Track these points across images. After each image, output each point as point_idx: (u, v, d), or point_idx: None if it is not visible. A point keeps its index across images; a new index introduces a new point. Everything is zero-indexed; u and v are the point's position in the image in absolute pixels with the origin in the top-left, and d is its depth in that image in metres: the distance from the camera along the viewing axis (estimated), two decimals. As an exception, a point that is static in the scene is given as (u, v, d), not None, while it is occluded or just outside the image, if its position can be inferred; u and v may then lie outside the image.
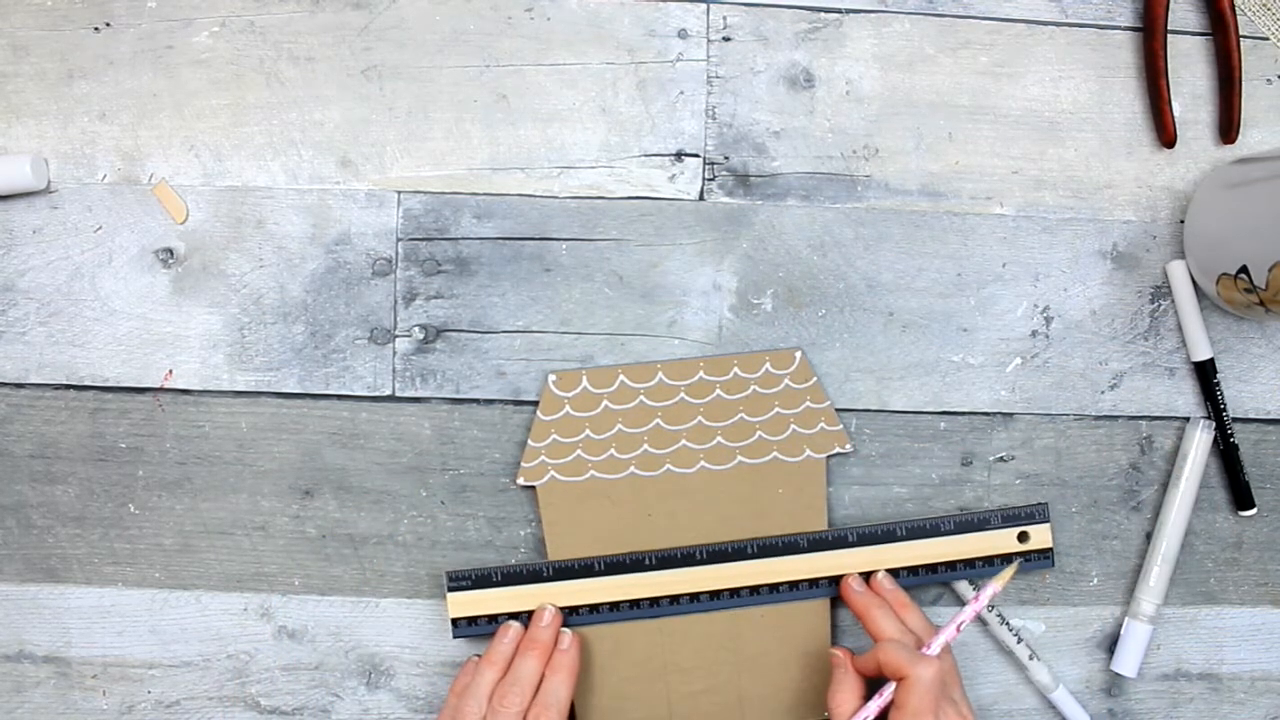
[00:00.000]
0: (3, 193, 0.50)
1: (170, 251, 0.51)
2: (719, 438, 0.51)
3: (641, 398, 0.51)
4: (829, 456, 0.52)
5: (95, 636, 0.52)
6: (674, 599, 0.51)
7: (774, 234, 0.52)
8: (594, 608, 0.50)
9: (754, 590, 0.51)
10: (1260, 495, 0.54)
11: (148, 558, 0.52)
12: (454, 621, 0.50)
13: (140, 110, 0.51)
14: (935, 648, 0.46)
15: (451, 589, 0.50)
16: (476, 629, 0.50)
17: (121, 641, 0.52)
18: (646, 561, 0.51)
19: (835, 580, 0.51)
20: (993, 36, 0.53)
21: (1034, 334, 0.53)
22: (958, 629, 0.47)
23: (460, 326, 0.52)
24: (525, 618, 0.50)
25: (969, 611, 0.47)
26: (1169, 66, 0.52)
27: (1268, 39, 0.53)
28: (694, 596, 0.51)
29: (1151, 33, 0.52)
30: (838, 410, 0.52)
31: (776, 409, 0.51)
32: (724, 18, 0.52)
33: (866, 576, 0.50)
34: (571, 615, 0.50)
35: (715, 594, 0.51)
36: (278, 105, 0.51)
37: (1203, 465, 0.53)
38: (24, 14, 0.51)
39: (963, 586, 0.52)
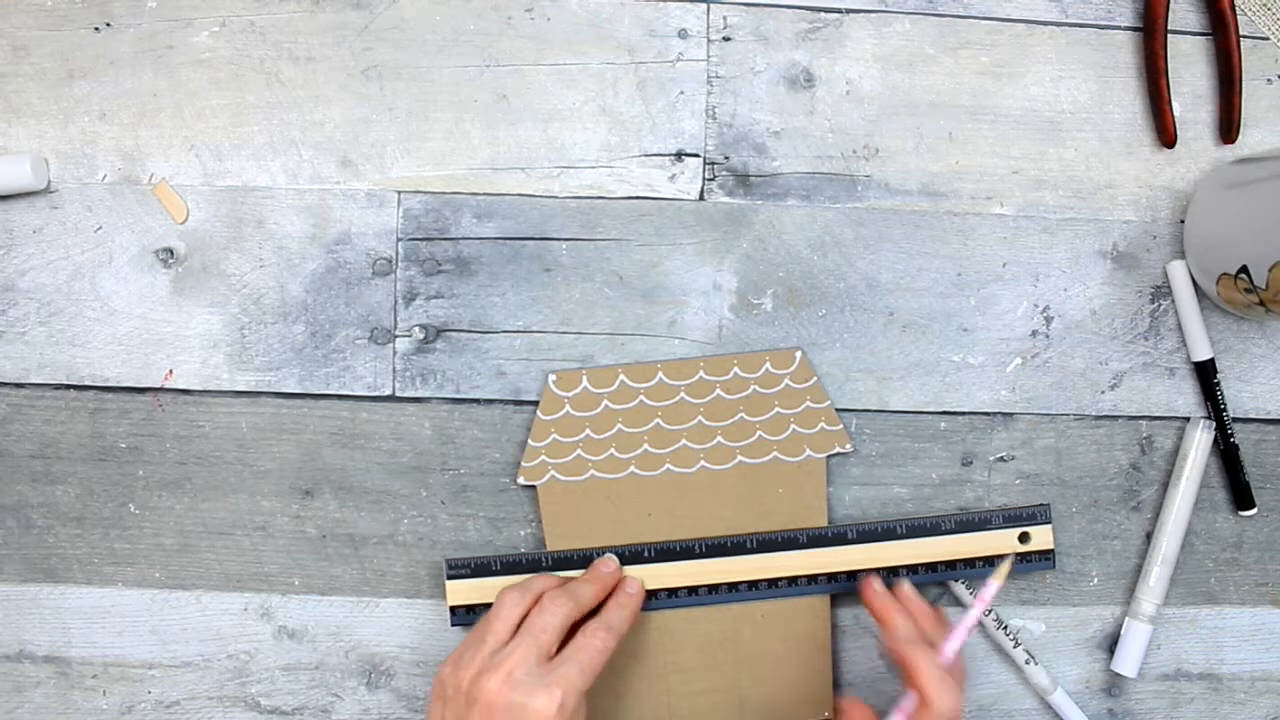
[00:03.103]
0: (3, 193, 0.50)
1: (170, 251, 0.51)
2: (719, 437, 0.51)
3: (641, 398, 0.51)
4: (829, 456, 0.52)
5: (95, 636, 0.52)
6: (672, 592, 0.51)
7: (774, 234, 0.52)
8: None
9: (753, 585, 0.51)
10: (1260, 495, 0.54)
11: (148, 558, 0.52)
12: (452, 610, 0.50)
13: (140, 110, 0.51)
14: (949, 651, 0.46)
15: (451, 577, 0.50)
16: (475, 617, 0.50)
17: (121, 641, 0.52)
18: (645, 554, 0.51)
19: (834, 577, 0.51)
20: (993, 36, 0.53)
21: (1034, 334, 0.53)
22: (969, 632, 0.46)
23: (460, 326, 0.52)
24: None
25: (975, 613, 0.47)
26: (1169, 66, 0.52)
27: (1268, 39, 0.53)
28: (692, 590, 0.51)
29: (1151, 33, 0.52)
30: (838, 410, 0.52)
31: (776, 409, 0.51)
32: (724, 18, 0.52)
33: (888, 583, 0.50)
34: None
35: (714, 588, 0.51)
36: (278, 105, 0.51)
37: (1203, 465, 0.53)
38: (24, 14, 0.51)
39: (959, 589, 0.52)
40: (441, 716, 0.44)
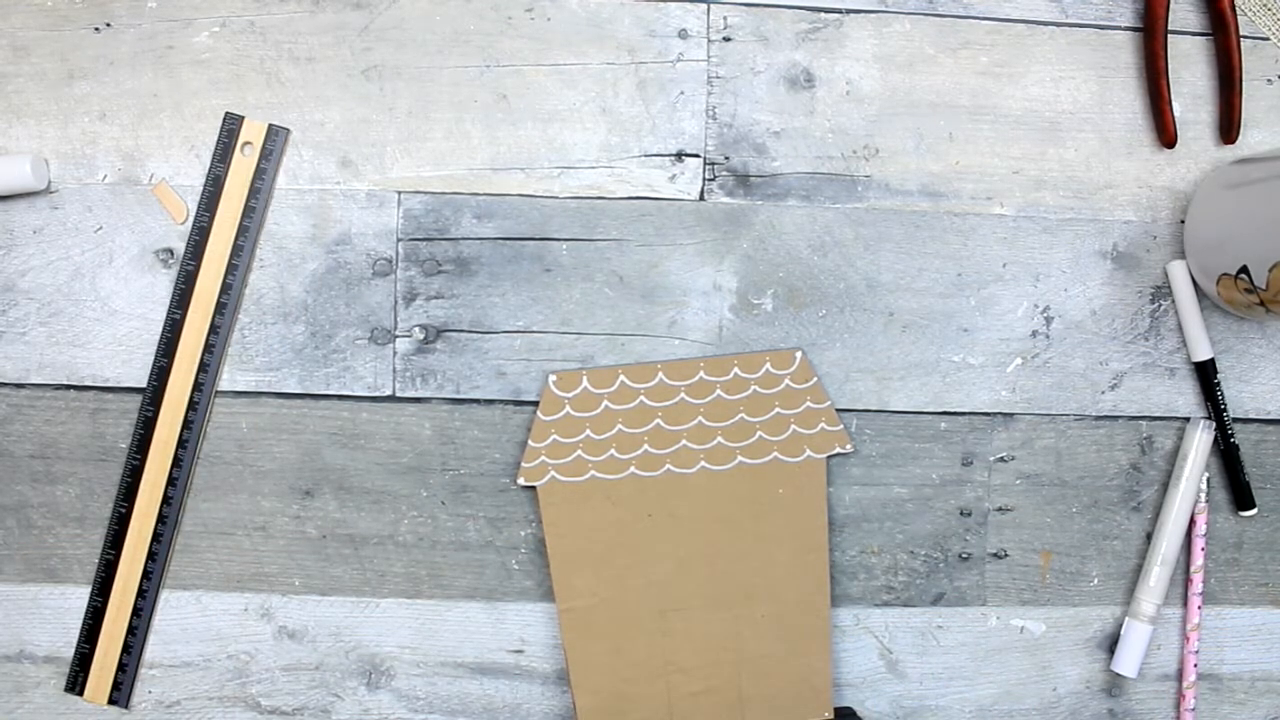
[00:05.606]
0: (3, 193, 0.50)
1: (170, 251, 0.51)
2: (719, 438, 0.51)
3: (642, 398, 0.51)
4: (829, 457, 0.52)
5: (95, 636, 0.52)
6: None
7: (774, 234, 0.52)
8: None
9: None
10: (1260, 495, 0.54)
11: (148, 558, 0.52)
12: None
13: (140, 110, 0.51)
14: None
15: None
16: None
17: (121, 641, 0.52)
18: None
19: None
20: (993, 36, 0.53)
21: (1034, 334, 0.53)
22: None
23: (460, 326, 0.52)
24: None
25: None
26: (1169, 66, 0.52)
27: (1268, 39, 0.53)
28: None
29: (1151, 33, 0.52)
30: (838, 410, 0.52)
31: (777, 409, 0.51)
32: (724, 18, 0.52)
33: None
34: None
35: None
36: (278, 105, 0.51)
37: (1203, 465, 0.53)
38: (24, 14, 0.51)
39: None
40: None
